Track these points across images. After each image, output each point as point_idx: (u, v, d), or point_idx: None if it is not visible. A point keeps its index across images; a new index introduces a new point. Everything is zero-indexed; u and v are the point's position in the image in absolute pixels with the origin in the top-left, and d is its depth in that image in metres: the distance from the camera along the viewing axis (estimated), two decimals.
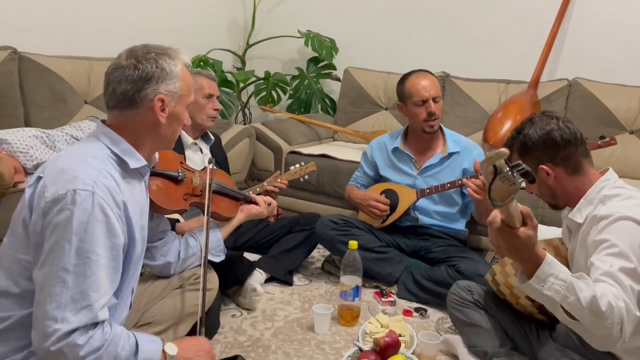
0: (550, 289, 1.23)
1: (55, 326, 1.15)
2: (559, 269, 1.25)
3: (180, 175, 1.77)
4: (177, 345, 1.36)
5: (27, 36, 2.84)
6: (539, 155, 1.58)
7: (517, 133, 1.63)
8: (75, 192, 1.17)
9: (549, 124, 1.57)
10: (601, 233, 1.41)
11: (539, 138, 1.57)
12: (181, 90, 1.35)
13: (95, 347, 1.18)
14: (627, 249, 1.34)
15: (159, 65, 1.30)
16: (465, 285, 1.96)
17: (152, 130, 1.35)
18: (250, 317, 2.21)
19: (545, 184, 1.60)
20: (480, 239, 2.81)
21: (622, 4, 3.20)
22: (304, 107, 3.95)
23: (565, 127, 1.57)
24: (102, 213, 1.20)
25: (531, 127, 1.59)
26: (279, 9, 4.26)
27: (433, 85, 2.47)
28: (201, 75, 2.36)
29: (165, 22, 3.56)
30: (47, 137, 2.34)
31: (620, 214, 1.41)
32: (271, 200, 2.09)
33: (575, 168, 1.56)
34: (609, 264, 1.33)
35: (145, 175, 1.43)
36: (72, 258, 1.16)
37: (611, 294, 1.26)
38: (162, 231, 1.75)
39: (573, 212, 1.58)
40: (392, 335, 1.82)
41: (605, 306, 1.22)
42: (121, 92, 1.30)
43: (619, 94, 3.08)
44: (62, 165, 1.23)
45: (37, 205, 1.20)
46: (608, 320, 1.23)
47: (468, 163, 2.50)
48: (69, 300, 1.16)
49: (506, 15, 3.50)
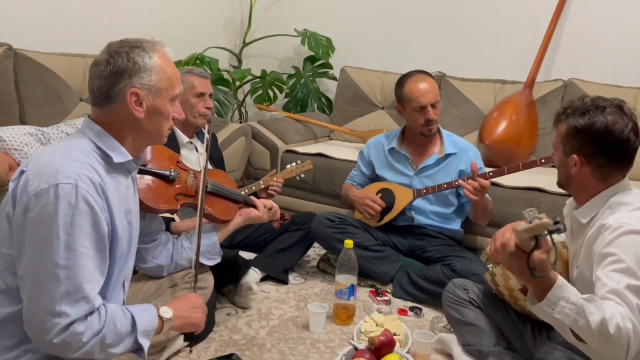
0: (560, 312, 1.23)
1: (54, 320, 1.16)
2: (570, 291, 1.24)
3: (173, 174, 1.72)
4: (170, 307, 1.40)
5: (23, 33, 2.83)
6: (580, 144, 1.48)
7: (582, 112, 1.48)
8: (57, 186, 1.17)
9: (616, 123, 1.45)
10: (608, 246, 1.38)
11: (594, 131, 1.45)
12: (159, 83, 1.31)
13: (96, 330, 1.21)
14: (633, 264, 1.33)
15: (130, 58, 1.27)
16: (461, 284, 1.96)
17: (131, 125, 1.32)
18: (245, 315, 2.20)
19: (567, 168, 1.54)
20: (476, 239, 2.81)
21: (618, 5, 3.21)
22: (300, 106, 3.95)
23: (627, 137, 1.44)
24: (86, 205, 1.19)
25: (597, 116, 1.46)
26: (275, 7, 4.26)
27: (432, 90, 2.45)
28: (192, 74, 2.33)
29: (162, 20, 3.55)
30: (42, 135, 2.33)
31: (629, 226, 1.38)
32: (272, 204, 2.02)
33: (603, 177, 1.50)
34: (616, 281, 1.31)
35: (132, 172, 1.40)
36: (62, 252, 1.17)
37: (619, 315, 1.25)
38: (154, 231, 1.73)
39: (578, 210, 1.56)
40: (387, 334, 1.82)
41: (614, 329, 1.22)
42: (97, 88, 1.29)
43: (614, 94, 2.98)
44: (45, 159, 1.23)
45: (20, 200, 1.20)
46: (616, 342, 1.23)
47: (464, 164, 2.50)
48: (63, 294, 1.16)
49: (502, 16, 3.51)
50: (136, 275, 1.78)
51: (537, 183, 2.71)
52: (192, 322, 1.48)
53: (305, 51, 3.98)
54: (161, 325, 1.36)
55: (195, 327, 1.50)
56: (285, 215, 2.19)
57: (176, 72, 1.36)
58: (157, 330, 1.34)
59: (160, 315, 1.35)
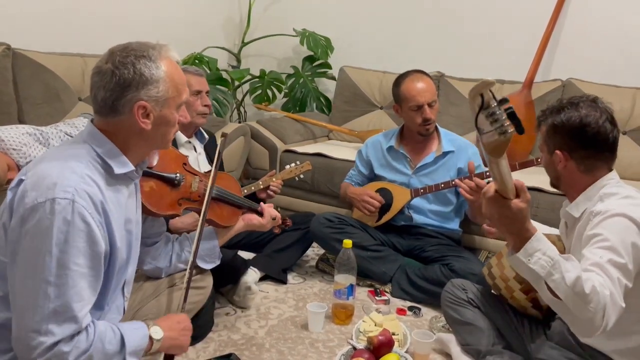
0: (536, 263, 1.24)
1: (39, 339, 1.12)
2: (548, 246, 1.25)
3: (178, 178, 1.66)
4: (162, 326, 1.36)
5: (21, 32, 2.83)
6: (561, 140, 1.55)
7: (557, 110, 1.57)
8: (54, 200, 1.14)
9: (590, 116, 1.52)
10: (595, 228, 1.42)
11: (571, 127, 1.53)
12: (166, 93, 1.27)
13: (82, 350, 1.17)
14: (618, 244, 1.35)
15: (137, 70, 1.22)
16: (459, 284, 1.96)
17: (138, 136, 1.28)
18: (244, 315, 2.21)
19: (554, 166, 1.59)
20: (474, 239, 2.81)
21: (616, 5, 3.22)
22: (299, 106, 3.95)
23: (603, 128, 1.51)
24: (82, 222, 1.16)
25: (572, 112, 1.54)
26: (274, 7, 4.26)
27: (429, 89, 2.45)
28: (187, 72, 2.27)
29: (161, 19, 3.55)
30: (41, 134, 2.33)
31: (616, 210, 1.41)
32: (276, 214, 1.96)
33: (589, 169, 1.55)
34: (599, 256, 1.34)
35: (134, 179, 1.37)
36: (54, 269, 1.13)
37: (597, 281, 1.26)
38: (156, 233, 1.71)
39: (570, 205, 1.59)
40: (385, 334, 1.82)
41: (590, 289, 1.23)
42: (101, 99, 1.24)
43: (612, 94, 3.08)
44: (44, 170, 1.19)
45: (17, 210, 1.17)
46: (591, 303, 1.22)
47: (463, 162, 2.50)
48: (51, 312, 1.13)
49: (501, 16, 3.51)
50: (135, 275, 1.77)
51: (535, 183, 2.70)
52: (180, 345, 1.44)
53: (304, 51, 3.98)
54: (150, 346, 1.32)
55: (182, 350, 1.47)
56: (287, 220, 2.15)
57: (183, 78, 1.32)
58: (146, 351, 1.31)
59: (150, 336, 1.32)
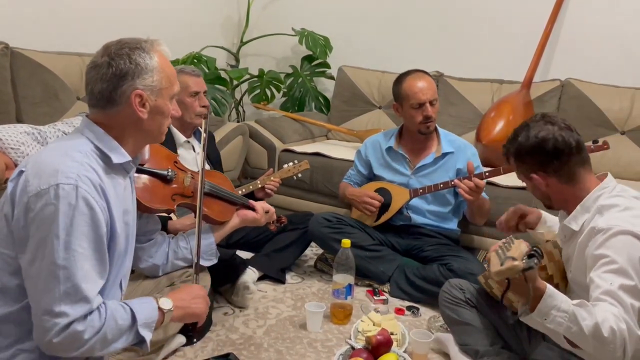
0: (553, 321, 1.24)
1: (54, 320, 1.16)
2: (560, 299, 1.25)
3: (170, 174, 1.73)
4: (171, 298, 1.37)
5: (20, 32, 2.82)
6: (531, 163, 1.57)
7: (513, 138, 1.60)
8: (58, 186, 1.17)
9: (543, 130, 1.53)
10: (600, 248, 1.40)
11: (531, 146, 1.54)
12: (160, 83, 1.32)
13: (97, 328, 1.20)
14: (626, 265, 1.34)
15: (132, 60, 1.27)
16: (457, 284, 1.96)
17: (135, 126, 1.32)
18: (242, 315, 2.20)
19: (539, 189, 1.60)
20: (473, 238, 2.82)
21: (615, 5, 3.22)
22: (298, 105, 3.95)
23: (560, 136, 1.52)
24: (86, 206, 1.19)
25: (526, 134, 1.56)
26: (273, 6, 4.25)
27: (430, 87, 2.46)
28: (184, 73, 2.28)
29: (159, 19, 3.54)
30: (39, 134, 2.33)
31: (619, 227, 1.40)
32: (269, 207, 2.02)
33: (570, 177, 1.54)
34: (609, 282, 1.33)
35: (130, 172, 1.40)
36: (61, 252, 1.16)
37: (612, 317, 1.26)
38: (150, 231, 1.73)
39: (568, 219, 1.57)
40: (384, 334, 1.82)
41: (608, 332, 1.23)
42: (98, 91, 1.28)
43: (611, 94, 3.10)
44: (45, 159, 1.22)
45: (20, 200, 1.19)
46: (611, 345, 1.24)
47: (462, 163, 2.50)
48: (62, 294, 1.16)
49: (500, 16, 3.51)
50: (133, 274, 1.77)
51: None
52: (193, 313, 1.45)
53: (303, 50, 3.97)
54: (162, 317, 1.34)
55: (197, 317, 1.47)
56: (282, 217, 2.18)
57: (174, 71, 1.38)
58: (158, 322, 1.33)
59: (160, 307, 1.33)
